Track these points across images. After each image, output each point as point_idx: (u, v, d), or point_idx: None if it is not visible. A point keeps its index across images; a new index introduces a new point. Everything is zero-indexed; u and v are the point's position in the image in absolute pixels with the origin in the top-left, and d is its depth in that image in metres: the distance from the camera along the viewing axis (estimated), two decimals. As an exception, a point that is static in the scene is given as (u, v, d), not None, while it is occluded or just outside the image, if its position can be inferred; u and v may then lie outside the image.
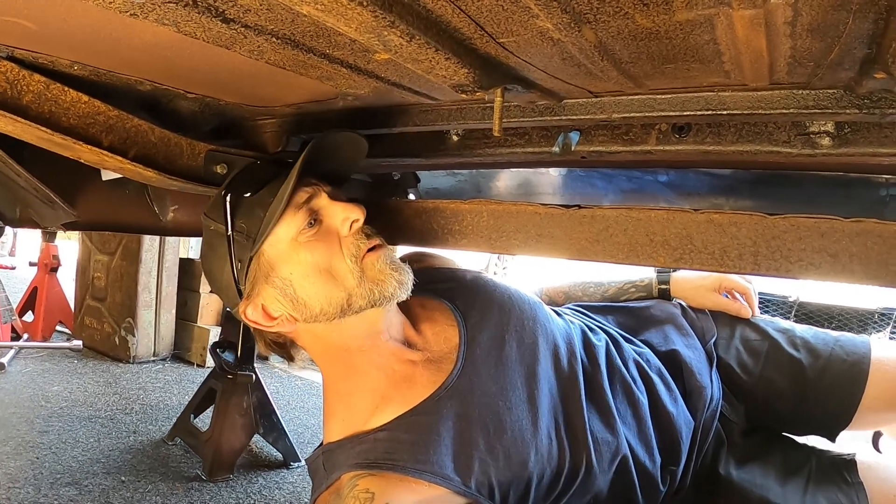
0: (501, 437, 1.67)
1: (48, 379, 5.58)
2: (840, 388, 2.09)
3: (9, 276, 7.60)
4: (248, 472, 4.07)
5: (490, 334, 1.84)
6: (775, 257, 1.31)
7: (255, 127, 2.20)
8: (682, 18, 0.97)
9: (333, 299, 1.67)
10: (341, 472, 1.65)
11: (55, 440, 4.24)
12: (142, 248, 6.21)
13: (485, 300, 1.93)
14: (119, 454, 4.14)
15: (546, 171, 2.56)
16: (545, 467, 1.72)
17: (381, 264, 1.67)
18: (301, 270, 1.68)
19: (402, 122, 1.85)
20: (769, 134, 1.50)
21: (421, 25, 1.00)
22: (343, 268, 1.65)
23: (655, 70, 1.25)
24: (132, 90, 1.75)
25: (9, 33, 1.33)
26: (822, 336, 2.22)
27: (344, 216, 1.68)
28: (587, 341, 2.01)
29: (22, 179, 2.09)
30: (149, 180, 1.92)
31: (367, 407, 1.74)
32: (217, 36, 1.25)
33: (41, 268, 7.33)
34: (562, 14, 0.97)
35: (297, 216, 1.67)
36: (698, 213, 1.36)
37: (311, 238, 1.66)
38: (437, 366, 1.78)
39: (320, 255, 1.66)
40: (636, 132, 1.65)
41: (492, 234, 1.64)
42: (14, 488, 3.51)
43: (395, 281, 1.67)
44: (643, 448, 1.88)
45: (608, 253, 1.47)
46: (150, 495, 3.64)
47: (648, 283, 2.44)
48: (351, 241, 1.68)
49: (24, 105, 1.54)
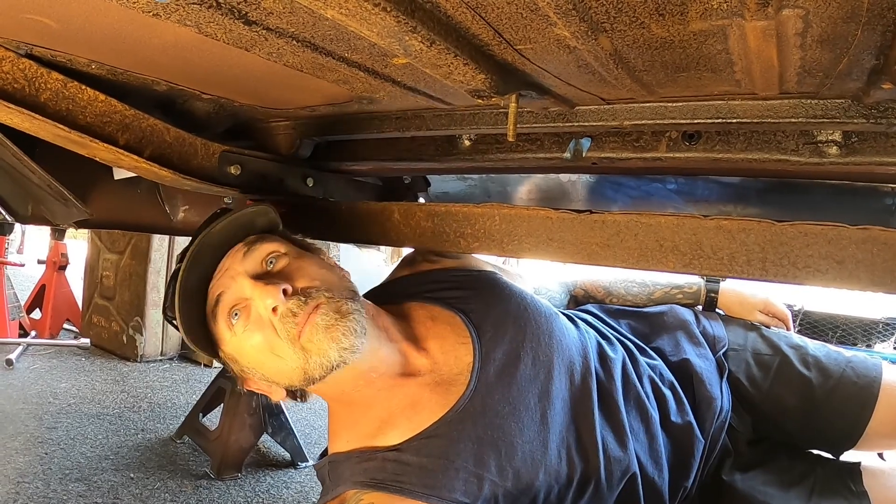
0: (512, 458, 1.67)
1: (56, 376, 5.59)
2: (848, 410, 2.09)
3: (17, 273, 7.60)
4: (257, 472, 4.08)
5: (504, 350, 1.82)
6: (783, 263, 1.32)
7: (268, 129, 2.21)
8: (697, 28, 0.99)
9: (293, 374, 1.64)
10: (346, 488, 1.67)
11: (64, 436, 4.25)
12: (151, 247, 6.22)
13: (500, 313, 1.90)
14: (127, 451, 4.14)
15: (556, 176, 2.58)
16: (553, 485, 1.72)
17: (318, 337, 1.58)
18: (253, 358, 1.67)
19: (416, 126, 1.86)
20: (778, 142, 1.52)
21: (441, 31, 1.02)
22: (285, 349, 1.61)
23: (668, 78, 1.27)
24: (148, 90, 1.76)
25: (30, 30, 1.34)
26: (835, 356, 2.21)
27: (262, 305, 1.61)
28: (603, 354, 2.00)
29: (36, 176, 2.10)
30: (163, 180, 1.93)
31: (372, 426, 1.75)
32: (238, 38, 1.26)
33: (49, 266, 7.34)
34: (579, 23, 0.99)
35: (219, 317, 1.68)
36: (708, 219, 1.37)
37: (245, 326, 1.63)
38: (447, 387, 1.76)
39: (260, 342, 1.62)
40: (647, 139, 1.67)
41: (503, 237, 1.64)
42: (23, 483, 3.52)
43: (338, 348, 1.58)
44: (653, 464, 1.89)
45: (619, 258, 1.48)
46: (159, 492, 3.64)
47: (697, 291, 2.43)
48: (280, 326, 1.60)
49: (42, 102, 1.56)
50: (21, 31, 1.36)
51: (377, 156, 2.19)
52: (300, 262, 1.73)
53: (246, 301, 1.64)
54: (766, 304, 2.38)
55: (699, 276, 2.37)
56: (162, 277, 6.30)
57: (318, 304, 1.61)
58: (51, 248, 7.45)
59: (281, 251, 1.72)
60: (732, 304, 2.41)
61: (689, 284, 2.43)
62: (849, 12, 0.89)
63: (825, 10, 0.89)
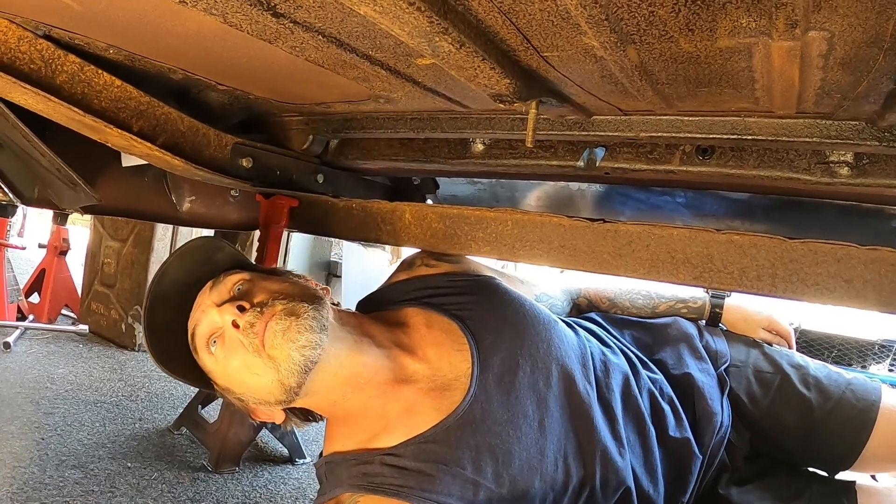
0: (509, 466, 1.68)
1: (53, 361, 5.57)
2: (846, 432, 2.09)
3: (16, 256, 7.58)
4: (254, 466, 4.06)
5: (503, 358, 1.82)
6: (792, 280, 1.32)
7: (280, 123, 2.22)
8: (723, 45, 1.00)
9: (274, 388, 1.65)
10: (342, 490, 1.68)
11: (60, 422, 4.24)
12: (154, 236, 6.18)
13: (499, 319, 1.90)
14: (125, 440, 4.13)
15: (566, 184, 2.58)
16: (548, 492, 1.73)
17: (278, 342, 1.61)
18: (238, 382, 1.70)
19: (430, 127, 1.87)
20: (790, 161, 1.53)
21: (471, 34, 1.03)
22: (257, 364, 1.63)
23: (689, 92, 1.28)
24: (164, 78, 1.77)
25: (50, 11, 1.35)
26: (835, 377, 2.20)
27: (224, 324, 1.67)
28: (605, 362, 1.99)
29: (45, 159, 2.10)
30: (174, 169, 1.94)
31: (368, 431, 1.76)
32: (263, 29, 1.27)
33: (50, 250, 7.30)
34: (610, 33, 1.00)
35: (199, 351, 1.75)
36: (720, 233, 1.38)
37: (223, 351, 1.68)
38: (443, 392, 1.76)
39: (238, 364, 1.66)
40: (660, 151, 1.68)
41: (515, 243, 1.64)
42: (19, 468, 3.50)
43: (296, 347, 1.61)
44: (648, 478, 1.89)
45: (630, 267, 1.48)
46: (156, 483, 3.63)
47: (701, 306, 2.42)
48: (245, 340, 1.63)
49: (58, 84, 1.57)
50: (41, 11, 1.37)
51: (389, 155, 2.20)
52: (263, 283, 1.76)
53: (220, 329, 1.69)
54: (769, 321, 2.37)
55: (705, 290, 2.38)
56: (165, 267, 6.25)
57: (275, 312, 1.64)
58: (52, 233, 7.40)
59: (246, 278, 1.77)
60: (736, 320, 2.41)
61: (694, 299, 2.42)
62: (873, 37, 0.91)
63: (850, 34, 0.91)
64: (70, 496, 3.28)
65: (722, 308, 2.40)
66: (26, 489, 3.28)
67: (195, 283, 1.82)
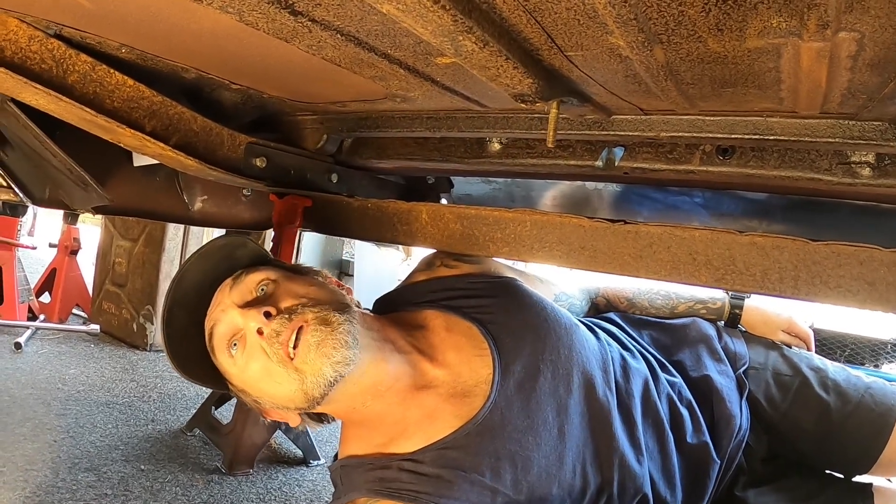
0: (528, 473, 1.67)
1: (65, 361, 5.57)
2: (864, 436, 2.08)
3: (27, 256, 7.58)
4: (268, 468, 4.05)
5: (524, 363, 1.80)
6: (815, 283, 1.31)
7: (294, 122, 2.21)
8: (752, 46, 0.99)
9: (295, 397, 1.63)
10: (358, 495, 1.67)
11: (73, 424, 4.23)
12: (166, 236, 6.18)
13: (520, 324, 1.88)
14: (138, 442, 4.12)
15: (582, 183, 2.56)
16: (565, 499, 1.72)
17: (311, 356, 1.57)
18: (256, 387, 1.68)
19: (447, 126, 1.86)
20: (811, 161, 1.51)
21: (495, 33, 1.01)
22: (279, 372, 1.60)
23: (713, 92, 1.26)
24: (176, 77, 1.76)
25: (61, 10, 1.34)
26: (854, 381, 2.19)
27: (248, 329, 1.62)
28: (625, 367, 1.98)
29: (56, 160, 2.10)
30: (188, 168, 1.93)
31: (386, 435, 1.75)
32: (279, 28, 1.25)
33: (61, 250, 7.30)
34: (638, 33, 0.98)
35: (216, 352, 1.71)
36: (742, 234, 1.36)
37: (243, 355, 1.64)
38: (463, 398, 1.74)
39: (258, 370, 1.63)
40: (680, 151, 1.66)
41: (534, 244, 1.62)
42: (31, 471, 3.49)
43: (331, 364, 1.57)
44: (665, 483, 1.88)
45: (650, 269, 1.46)
46: (170, 486, 3.62)
47: (721, 307, 2.40)
48: (268, 349, 1.60)
49: (69, 84, 1.56)
50: (52, 10, 1.36)
51: (404, 155, 2.18)
52: (289, 285, 1.73)
53: (241, 331, 1.65)
54: (789, 323, 2.35)
55: (725, 290, 2.36)
56: (175, 266, 6.24)
57: (305, 321, 1.61)
58: (63, 232, 7.42)
59: (271, 278, 1.73)
60: (756, 321, 2.39)
61: (713, 300, 2.40)
62: (903, 38, 0.89)
63: (881, 35, 0.89)
64: (83, 499, 3.28)
65: (741, 309, 2.38)
66: (39, 492, 3.27)
67: (213, 284, 1.79)
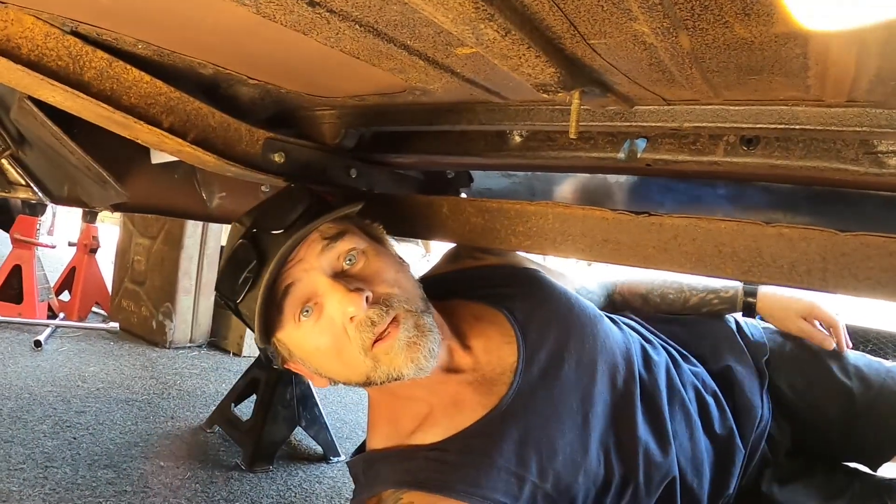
0: (553, 460, 1.66)
1: (84, 359, 5.58)
2: (888, 420, 2.07)
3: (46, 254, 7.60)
4: (288, 465, 4.04)
5: (549, 351, 1.80)
6: (843, 275, 1.29)
7: (312, 117, 2.19)
8: (779, 31, 0.96)
9: (354, 376, 1.64)
10: (384, 487, 1.67)
11: (92, 421, 4.23)
12: (184, 233, 6.19)
13: (545, 313, 1.88)
14: (157, 439, 4.12)
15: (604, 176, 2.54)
16: (591, 487, 1.72)
17: (395, 352, 1.57)
18: (313, 355, 1.66)
19: (467, 119, 1.84)
20: (837, 151, 1.49)
21: (517, 21, 0.99)
22: (354, 356, 1.58)
23: (738, 80, 1.24)
24: (193, 73, 1.75)
25: (77, 7, 1.34)
26: (875, 365, 2.19)
27: (341, 310, 1.56)
28: (647, 357, 1.98)
29: (74, 157, 2.10)
30: (206, 165, 1.92)
31: (411, 422, 1.75)
32: (297, 20, 1.24)
33: (80, 248, 7.33)
34: (662, 19, 0.96)
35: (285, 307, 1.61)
36: (769, 226, 1.35)
37: (314, 325, 1.60)
38: (489, 387, 1.74)
39: (327, 344, 1.60)
40: (704, 142, 1.64)
41: (557, 237, 1.61)
42: (51, 468, 3.50)
43: (414, 367, 1.58)
44: (693, 471, 1.87)
45: (675, 262, 1.45)
46: (190, 482, 3.61)
47: (733, 295, 2.34)
48: (355, 334, 1.56)
49: (86, 81, 1.56)
50: (68, 7, 1.36)
51: (424, 149, 2.17)
52: (378, 264, 1.69)
53: (319, 298, 1.59)
54: (811, 308, 2.26)
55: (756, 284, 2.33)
56: (194, 264, 6.27)
57: (398, 316, 1.59)
58: (82, 231, 7.45)
59: (360, 248, 1.68)
60: (774, 309, 2.33)
61: (726, 288, 2.36)
62: (937, 22, 0.86)
63: (912, 20, 0.87)
64: (103, 496, 3.28)
65: (755, 296, 2.34)
66: (59, 489, 3.28)
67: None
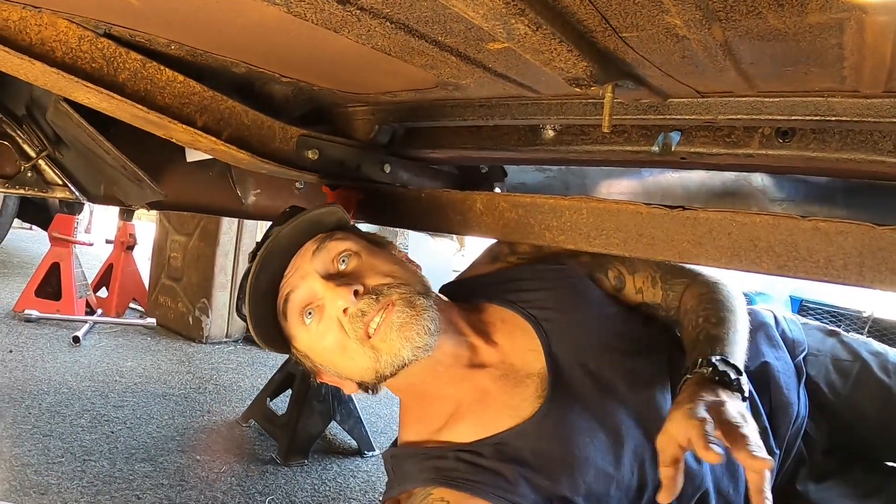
0: (586, 473, 1.66)
1: (122, 354, 5.63)
2: None
3: (84, 252, 7.65)
4: (323, 459, 4.06)
5: (581, 363, 1.80)
6: (880, 269, 1.27)
7: (345, 114, 2.20)
8: (814, 21, 0.95)
9: (364, 372, 1.69)
10: (413, 485, 1.68)
11: (130, 415, 4.27)
12: (220, 230, 6.23)
13: (574, 320, 1.88)
14: (193, 433, 4.15)
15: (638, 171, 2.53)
16: (622, 500, 1.71)
17: (391, 336, 1.62)
18: (325, 357, 1.72)
19: (500, 114, 1.84)
20: (874, 143, 1.47)
21: (548, 15, 0.99)
22: (355, 349, 1.64)
23: (773, 72, 1.23)
24: (226, 72, 1.77)
25: (110, 9, 1.36)
26: None
27: (334, 306, 1.64)
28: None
29: (111, 157, 2.12)
30: (240, 162, 1.93)
31: (440, 419, 1.76)
32: (328, 18, 1.24)
33: (117, 245, 7.41)
34: (695, 10, 0.95)
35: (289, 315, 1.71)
36: (804, 219, 1.33)
37: (318, 326, 1.67)
38: (515, 385, 1.76)
39: (331, 342, 1.67)
40: (738, 135, 1.62)
41: (591, 231, 1.61)
42: (90, 461, 3.53)
43: (411, 347, 1.61)
44: (728, 477, 1.84)
45: (710, 256, 1.44)
46: (226, 476, 3.63)
47: None
48: (349, 326, 1.63)
49: (120, 82, 1.58)
50: (101, 9, 1.37)
51: (457, 144, 2.17)
52: (372, 260, 1.74)
53: (319, 300, 1.67)
54: None
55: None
56: (230, 260, 6.30)
57: (391, 301, 1.63)
58: (119, 229, 7.51)
59: (353, 249, 1.74)
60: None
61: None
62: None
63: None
64: (140, 489, 3.31)
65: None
66: (96, 482, 3.31)
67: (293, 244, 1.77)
